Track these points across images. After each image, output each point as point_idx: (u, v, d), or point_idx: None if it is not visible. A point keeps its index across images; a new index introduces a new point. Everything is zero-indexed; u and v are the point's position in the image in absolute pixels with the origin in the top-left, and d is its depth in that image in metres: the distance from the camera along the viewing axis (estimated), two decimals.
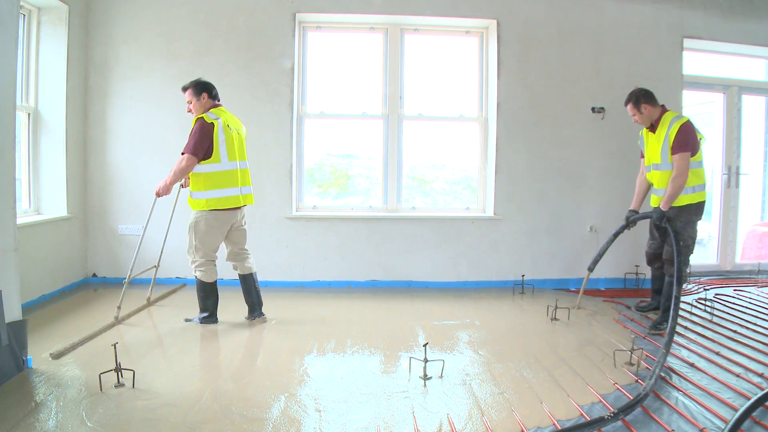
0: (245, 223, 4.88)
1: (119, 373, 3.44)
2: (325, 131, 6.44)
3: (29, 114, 5.43)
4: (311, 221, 6.14)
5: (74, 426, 2.90)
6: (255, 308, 4.87)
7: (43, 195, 5.58)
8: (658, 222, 4.71)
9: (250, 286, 4.85)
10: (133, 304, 5.18)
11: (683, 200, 4.68)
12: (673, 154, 4.61)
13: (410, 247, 6.23)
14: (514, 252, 6.33)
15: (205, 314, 4.74)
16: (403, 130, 6.37)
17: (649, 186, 5.06)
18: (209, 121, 4.44)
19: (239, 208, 4.69)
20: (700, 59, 6.72)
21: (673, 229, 4.58)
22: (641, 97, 4.79)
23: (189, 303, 5.31)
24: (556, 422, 3.06)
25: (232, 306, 5.12)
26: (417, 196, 6.59)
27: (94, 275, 6.08)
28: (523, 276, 6.19)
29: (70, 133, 5.60)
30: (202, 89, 4.63)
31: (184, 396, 3.31)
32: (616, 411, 3.08)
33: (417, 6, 6.07)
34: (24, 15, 5.34)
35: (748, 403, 3.15)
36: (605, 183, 6.32)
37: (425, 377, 3.65)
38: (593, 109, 6.21)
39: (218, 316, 4.79)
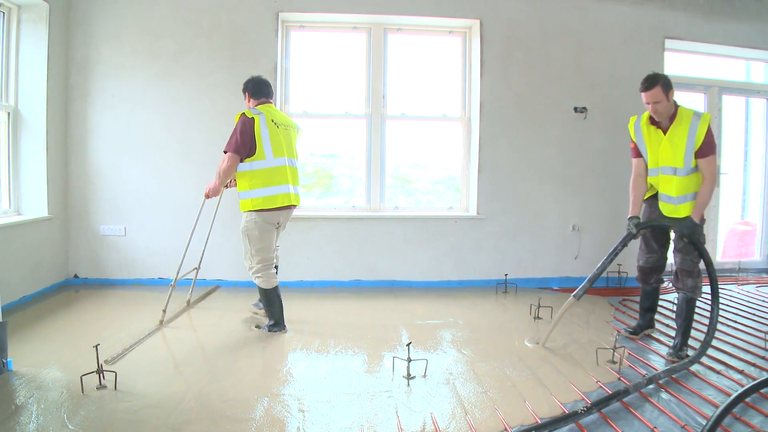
0: (286, 225, 4.83)
1: (101, 375, 3.41)
2: (308, 131, 6.41)
3: (9, 113, 5.37)
4: (294, 221, 6.10)
5: (55, 428, 2.87)
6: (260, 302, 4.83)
7: (24, 195, 5.52)
8: (690, 236, 4.01)
9: None
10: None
11: None
12: (700, 157, 3.95)
13: (394, 246, 6.24)
14: (497, 251, 6.35)
15: (272, 322, 4.60)
16: (386, 130, 6.37)
17: (647, 189, 4.36)
18: (250, 116, 4.31)
19: (289, 207, 4.55)
20: (682, 60, 6.78)
21: (697, 243, 4.04)
22: (669, 82, 3.98)
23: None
24: (539, 420, 3.08)
25: (216, 304, 5.11)
26: (400, 195, 6.59)
27: (76, 276, 6.02)
28: (506, 275, 6.22)
29: (50, 133, 5.54)
30: (244, 90, 4.63)
31: (166, 397, 3.29)
32: (590, 404, 3.13)
33: (400, 5, 6.07)
34: (3, 13, 5.29)
35: (729, 399, 3.19)
36: (587, 182, 6.36)
37: (409, 377, 3.66)
38: (575, 109, 6.25)
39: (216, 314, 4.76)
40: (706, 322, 4.84)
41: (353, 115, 6.36)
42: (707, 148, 3.92)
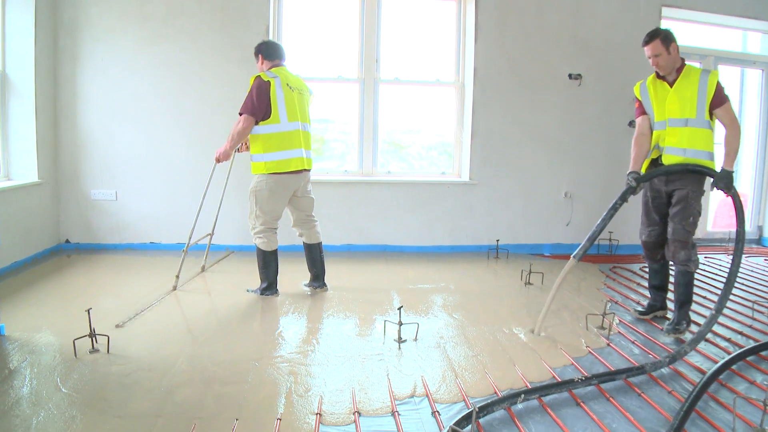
0: (311, 190, 4.73)
1: (94, 338, 3.42)
2: None
3: None
4: None
5: (49, 392, 2.89)
6: (319, 278, 4.81)
7: (13, 160, 5.47)
8: (728, 190, 3.81)
9: (315, 256, 4.77)
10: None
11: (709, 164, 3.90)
12: (716, 107, 3.80)
13: (385, 211, 6.24)
14: (489, 217, 6.37)
15: (265, 285, 4.62)
16: (379, 95, 6.32)
17: (649, 148, 4.09)
18: (266, 80, 4.25)
19: (301, 171, 4.50)
20: (678, 28, 6.65)
21: (734, 195, 3.86)
22: (670, 35, 3.87)
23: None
24: (528, 384, 3.12)
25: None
26: (393, 160, 6.58)
27: (67, 241, 6.01)
28: (497, 240, 6.25)
29: (39, 97, 5.47)
30: (257, 52, 4.52)
31: (159, 360, 3.32)
32: (589, 376, 3.12)
33: None
34: None
35: (715, 366, 3.23)
36: (580, 149, 6.35)
37: (400, 340, 3.69)
38: (570, 76, 6.21)
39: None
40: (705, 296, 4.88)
41: (346, 79, 6.30)
42: (721, 97, 3.79)
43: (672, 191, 3.98)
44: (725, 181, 3.78)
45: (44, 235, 5.73)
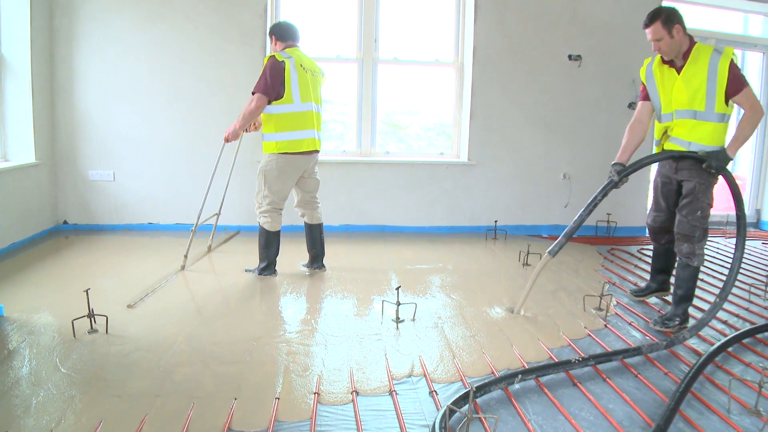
0: (317, 172, 4.72)
1: (92, 319, 3.43)
2: None
3: None
4: None
5: (48, 372, 2.90)
6: (318, 259, 4.82)
7: (10, 141, 5.44)
8: (719, 171, 3.51)
9: (315, 237, 4.78)
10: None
11: None
12: (733, 95, 3.40)
13: (384, 192, 6.24)
14: (488, 198, 6.36)
15: (264, 264, 4.63)
16: (377, 75, 6.29)
17: (643, 138, 3.83)
18: (280, 60, 4.24)
19: (312, 152, 4.52)
20: (680, 10, 6.66)
21: (728, 177, 3.63)
22: (673, 16, 3.50)
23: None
24: (525, 364, 3.13)
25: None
26: (391, 141, 6.56)
27: (65, 222, 6.00)
28: (495, 222, 6.25)
29: (35, 77, 5.42)
30: (271, 33, 4.52)
31: (157, 341, 3.32)
32: (586, 357, 3.13)
33: None
34: None
35: (712, 348, 3.25)
36: (580, 131, 6.33)
37: (398, 320, 3.70)
38: (570, 57, 6.17)
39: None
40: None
41: (345, 58, 6.26)
42: (737, 83, 3.38)
43: (681, 181, 3.71)
44: (717, 162, 3.45)
45: (42, 216, 5.72)
